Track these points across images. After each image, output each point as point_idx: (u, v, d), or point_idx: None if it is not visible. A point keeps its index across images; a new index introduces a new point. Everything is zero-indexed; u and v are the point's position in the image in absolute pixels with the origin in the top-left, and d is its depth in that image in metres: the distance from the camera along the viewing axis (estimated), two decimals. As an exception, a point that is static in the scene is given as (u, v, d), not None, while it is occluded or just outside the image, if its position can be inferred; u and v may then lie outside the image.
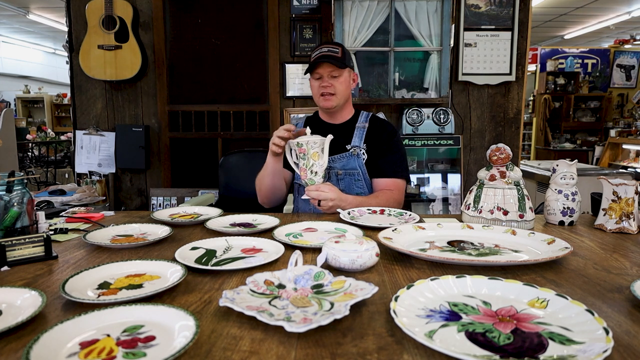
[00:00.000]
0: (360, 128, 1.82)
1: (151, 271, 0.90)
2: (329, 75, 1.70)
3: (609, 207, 1.30)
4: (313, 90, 1.78)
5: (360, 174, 1.76)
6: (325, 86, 1.71)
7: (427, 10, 3.38)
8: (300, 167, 1.52)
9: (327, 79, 1.71)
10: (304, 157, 1.49)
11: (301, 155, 1.50)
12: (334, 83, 1.71)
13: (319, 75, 1.72)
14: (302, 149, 1.49)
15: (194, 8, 3.56)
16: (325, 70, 1.70)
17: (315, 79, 1.74)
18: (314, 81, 1.75)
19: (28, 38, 9.89)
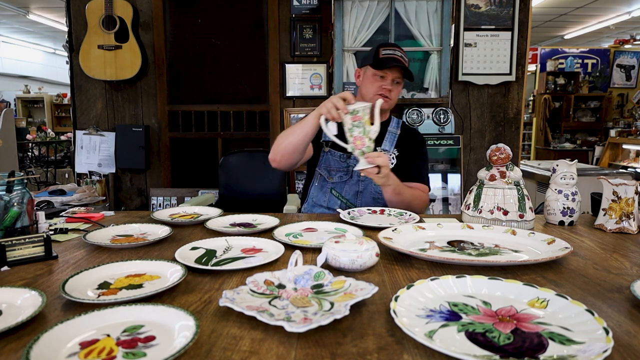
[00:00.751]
0: (392, 133, 1.81)
1: (151, 271, 0.90)
2: (394, 80, 1.69)
3: (609, 207, 1.30)
4: (370, 86, 1.71)
5: None
6: (387, 89, 1.68)
7: (427, 10, 3.38)
8: (355, 136, 1.38)
9: (389, 81, 1.68)
10: (359, 124, 1.38)
11: (356, 123, 1.38)
12: (394, 89, 1.70)
13: (383, 74, 1.68)
14: (358, 116, 1.37)
15: (194, 8, 3.56)
16: (393, 74, 1.68)
17: (378, 76, 1.69)
18: (375, 77, 1.70)
19: (28, 38, 9.89)
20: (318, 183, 1.81)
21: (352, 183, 1.76)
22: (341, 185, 1.76)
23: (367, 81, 1.73)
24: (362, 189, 1.75)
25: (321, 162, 1.80)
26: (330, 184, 1.77)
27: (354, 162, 1.73)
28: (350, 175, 1.76)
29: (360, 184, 1.75)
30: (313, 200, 1.82)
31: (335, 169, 1.78)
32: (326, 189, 1.78)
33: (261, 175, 2.59)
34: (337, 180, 1.77)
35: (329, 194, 1.77)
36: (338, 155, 1.77)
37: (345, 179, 1.76)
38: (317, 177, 1.82)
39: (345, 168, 1.77)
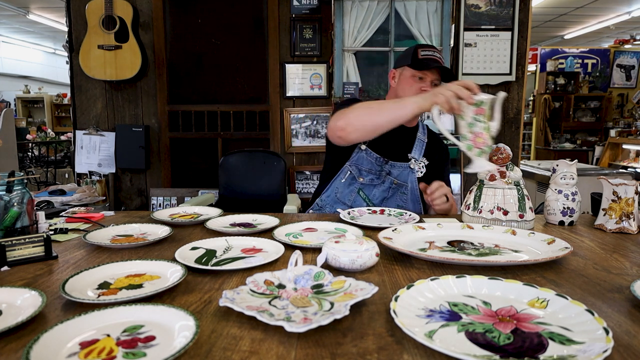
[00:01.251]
0: (420, 140, 1.77)
1: (151, 271, 0.90)
2: (433, 82, 1.63)
3: (609, 207, 1.30)
4: (408, 87, 1.64)
5: (408, 188, 1.70)
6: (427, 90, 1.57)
7: (427, 10, 3.38)
8: (475, 132, 1.22)
9: (429, 83, 1.63)
10: (482, 119, 1.21)
11: (479, 117, 1.21)
12: None
13: (422, 76, 1.63)
14: (482, 109, 1.21)
15: (194, 8, 3.56)
16: (433, 75, 1.62)
17: (417, 77, 1.63)
18: (414, 78, 1.64)
19: (28, 38, 9.89)
20: (345, 179, 1.72)
21: (382, 188, 1.70)
22: (370, 188, 1.70)
23: (405, 82, 1.66)
24: (390, 195, 1.70)
25: (354, 159, 1.71)
26: (359, 183, 1.70)
27: (388, 169, 1.68)
28: (382, 180, 1.69)
29: (390, 190, 1.70)
30: (337, 196, 1.73)
31: (367, 169, 1.70)
32: (353, 188, 1.71)
33: (261, 175, 2.59)
34: (367, 182, 1.69)
35: (355, 194, 1.70)
36: (375, 157, 1.69)
37: (376, 183, 1.70)
38: (346, 173, 1.72)
39: (379, 171, 1.70)
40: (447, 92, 1.22)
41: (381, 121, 1.37)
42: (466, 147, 1.22)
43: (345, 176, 1.72)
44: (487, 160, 1.24)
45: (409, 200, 1.71)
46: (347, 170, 1.72)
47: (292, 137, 3.59)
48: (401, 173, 1.70)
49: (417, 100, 1.30)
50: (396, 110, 1.34)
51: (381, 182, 1.70)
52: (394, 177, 1.69)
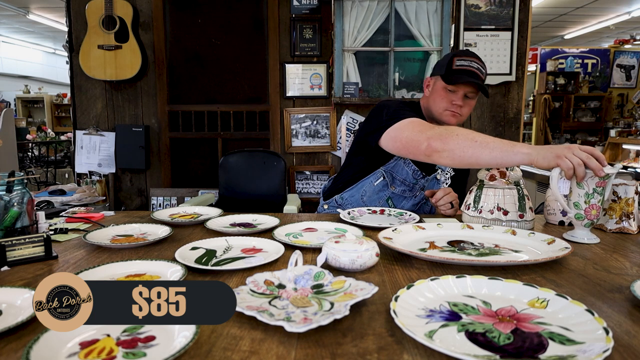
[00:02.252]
0: None
1: (151, 271, 0.90)
2: (466, 95, 1.53)
3: (609, 207, 1.30)
4: (440, 100, 1.56)
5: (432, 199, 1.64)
6: (458, 105, 1.53)
7: (427, 10, 3.38)
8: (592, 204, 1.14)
9: (461, 97, 1.53)
10: (602, 192, 1.15)
11: (599, 190, 1.14)
12: (466, 104, 1.55)
13: (455, 90, 1.52)
14: (605, 182, 1.14)
15: (194, 8, 3.56)
16: (467, 88, 1.52)
17: (449, 90, 1.54)
18: (446, 92, 1.54)
19: (28, 38, 9.89)
20: (377, 184, 1.64)
21: (413, 202, 1.66)
22: (399, 199, 1.66)
23: (437, 94, 1.57)
24: (417, 209, 1.69)
25: (390, 165, 1.63)
26: (390, 192, 1.64)
27: (423, 183, 1.64)
28: (414, 194, 1.65)
29: (420, 204, 1.69)
30: (362, 199, 1.67)
31: (401, 179, 1.63)
32: (383, 195, 1.65)
33: (261, 175, 2.59)
34: (399, 192, 1.65)
35: (384, 201, 1.65)
36: (413, 168, 1.62)
37: (408, 196, 1.65)
38: (378, 178, 1.65)
39: (413, 184, 1.64)
40: (575, 158, 1.10)
41: (484, 160, 1.23)
42: (576, 216, 1.17)
43: (377, 181, 1.65)
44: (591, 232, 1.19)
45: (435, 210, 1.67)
46: (380, 175, 1.65)
47: (292, 137, 3.59)
48: (429, 185, 1.67)
49: (531, 152, 1.16)
50: (505, 154, 1.19)
51: (412, 196, 1.66)
52: (423, 191, 1.66)
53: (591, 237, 1.18)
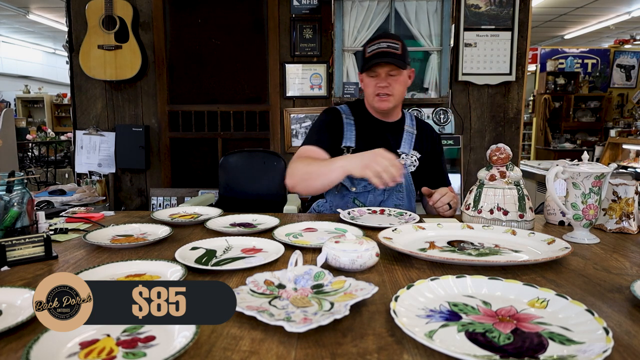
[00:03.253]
0: (409, 132, 1.70)
1: (151, 271, 0.90)
2: (387, 74, 1.55)
3: (609, 207, 1.30)
4: (367, 89, 1.62)
5: (403, 185, 1.65)
6: (382, 86, 1.56)
7: (427, 10, 3.38)
8: (589, 204, 1.16)
9: (384, 77, 1.55)
10: (598, 191, 1.16)
11: (596, 189, 1.16)
12: (392, 83, 1.56)
13: (375, 74, 1.56)
14: (600, 181, 1.16)
15: (194, 8, 3.56)
16: (383, 69, 1.54)
17: (371, 77, 1.58)
18: (369, 79, 1.59)
19: (28, 38, 9.89)
20: (338, 191, 1.67)
21: (377, 193, 1.66)
22: (365, 195, 1.66)
23: (364, 85, 1.64)
24: (386, 197, 1.66)
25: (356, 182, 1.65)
26: (353, 193, 1.66)
27: None
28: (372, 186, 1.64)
29: (385, 192, 1.66)
30: (331, 208, 1.69)
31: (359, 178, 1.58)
32: (348, 199, 1.66)
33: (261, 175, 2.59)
34: (361, 190, 1.65)
35: (351, 203, 1.66)
36: None
37: (370, 189, 1.64)
38: (337, 186, 1.65)
39: None
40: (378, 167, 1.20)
41: (318, 186, 1.45)
42: (574, 217, 1.17)
43: (337, 188, 1.66)
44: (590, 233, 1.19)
45: (405, 197, 1.67)
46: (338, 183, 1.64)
47: (292, 137, 3.59)
48: None
49: (344, 164, 1.30)
50: (325, 176, 1.38)
51: (374, 188, 1.63)
52: None
53: (591, 237, 1.18)
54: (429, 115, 3.33)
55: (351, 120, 1.69)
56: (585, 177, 1.14)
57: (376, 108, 1.65)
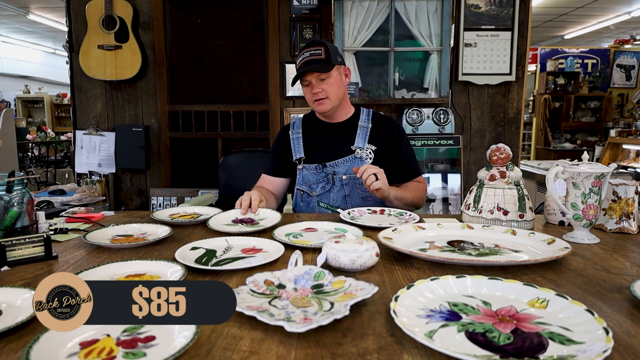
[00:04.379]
0: (363, 127, 1.75)
1: (151, 271, 0.90)
2: (317, 79, 1.65)
3: (609, 207, 1.30)
4: (306, 97, 1.73)
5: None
6: (316, 92, 1.66)
7: (427, 10, 3.38)
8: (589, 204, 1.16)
9: (316, 84, 1.65)
10: (598, 191, 1.17)
11: (595, 189, 1.16)
12: (323, 87, 1.66)
13: (307, 82, 1.67)
14: (600, 181, 1.16)
15: (194, 8, 3.56)
16: (312, 76, 1.65)
17: (305, 86, 1.70)
18: (305, 88, 1.71)
19: (28, 38, 9.89)
20: (302, 201, 1.78)
21: (336, 189, 1.72)
22: (327, 195, 1.73)
23: (304, 94, 1.73)
24: (348, 192, 1.72)
25: (299, 180, 1.77)
26: (315, 197, 1.74)
27: (331, 170, 1.71)
28: (331, 182, 1.72)
29: (345, 187, 1.72)
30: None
31: (315, 181, 1.74)
32: (313, 204, 1.74)
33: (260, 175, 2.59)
34: (321, 191, 1.74)
35: (317, 207, 1.73)
36: (314, 167, 1.74)
37: (329, 188, 1.73)
38: (299, 196, 1.79)
39: (324, 177, 1.73)
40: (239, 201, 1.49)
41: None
42: (574, 217, 1.18)
43: (301, 198, 1.79)
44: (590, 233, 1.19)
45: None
46: (298, 193, 1.80)
47: (292, 137, 3.58)
48: (350, 167, 1.70)
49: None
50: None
51: (332, 185, 1.72)
52: (342, 174, 1.71)
53: (591, 237, 1.18)
54: (429, 115, 3.33)
55: (298, 134, 1.80)
56: (585, 177, 1.14)
57: (318, 112, 1.74)
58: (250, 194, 1.51)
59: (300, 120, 1.87)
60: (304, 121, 1.85)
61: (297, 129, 1.82)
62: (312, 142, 1.78)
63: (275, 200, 1.81)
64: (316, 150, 1.76)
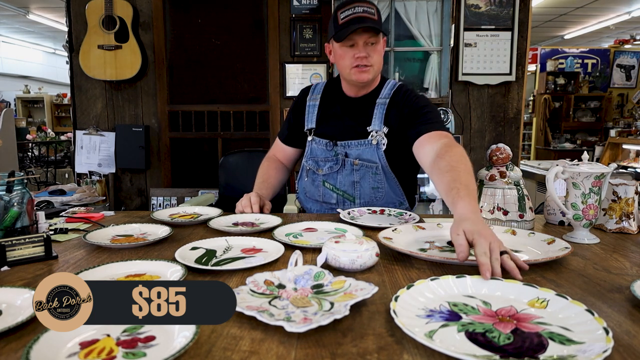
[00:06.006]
0: (380, 105, 1.52)
1: (151, 271, 0.90)
2: (365, 42, 1.41)
3: (609, 207, 1.30)
4: (343, 61, 1.46)
5: (379, 167, 1.52)
6: (361, 57, 1.42)
7: (427, 10, 3.38)
8: (589, 204, 1.15)
9: (362, 47, 1.42)
10: (598, 191, 1.16)
11: (596, 189, 1.15)
12: (370, 53, 1.43)
13: (352, 43, 1.42)
14: (600, 181, 1.15)
15: (194, 8, 3.56)
16: (362, 37, 1.40)
17: (348, 47, 1.43)
18: (345, 49, 1.44)
19: (28, 38, 9.89)
20: (308, 177, 1.64)
21: (345, 173, 1.56)
22: (334, 176, 1.58)
23: (338, 57, 1.48)
24: (358, 178, 1.54)
25: (307, 153, 1.63)
26: (321, 176, 1.60)
27: (342, 150, 1.55)
28: (341, 164, 1.55)
29: (356, 173, 1.54)
30: (306, 195, 1.67)
31: (323, 158, 1.58)
32: (318, 183, 1.61)
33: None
34: (328, 171, 1.58)
35: (322, 187, 1.59)
36: (324, 143, 1.57)
37: (337, 169, 1.56)
38: (305, 170, 1.65)
39: (334, 157, 1.56)
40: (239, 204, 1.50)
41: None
42: (574, 217, 1.17)
43: (306, 174, 1.64)
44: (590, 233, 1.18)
45: (385, 181, 1.54)
46: (305, 168, 1.65)
47: (292, 137, 3.59)
48: (363, 151, 1.52)
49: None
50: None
51: (341, 167, 1.55)
52: (354, 158, 1.53)
53: (591, 237, 1.18)
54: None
55: (316, 101, 1.63)
56: (585, 177, 1.15)
57: (354, 81, 1.49)
58: (249, 196, 1.49)
59: (323, 85, 1.67)
60: (325, 87, 1.65)
61: (316, 94, 1.65)
62: (327, 112, 1.60)
63: (285, 172, 1.73)
64: (329, 122, 1.58)
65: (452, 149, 1.23)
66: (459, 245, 0.89)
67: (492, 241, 0.86)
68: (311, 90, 1.68)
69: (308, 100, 1.65)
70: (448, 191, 1.07)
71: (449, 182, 1.09)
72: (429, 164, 1.27)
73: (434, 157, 1.25)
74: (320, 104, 1.63)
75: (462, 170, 1.12)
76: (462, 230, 0.90)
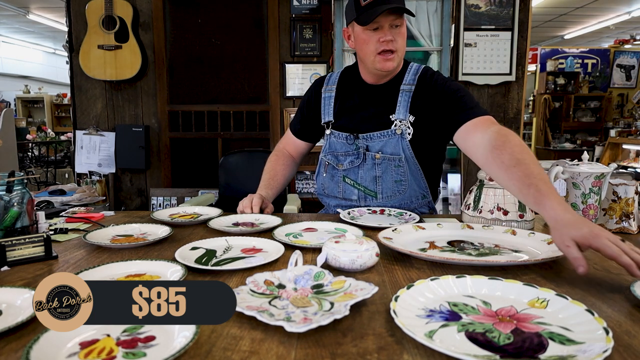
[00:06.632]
0: (405, 92, 1.41)
1: (151, 271, 0.90)
2: (391, 25, 1.30)
3: (609, 207, 1.30)
4: (366, 46, 1.35)
5: (403, 159, 1.43)
6: (387, 41, 1.31)
7: (427, 10, 3.38)
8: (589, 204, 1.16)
9: (388, 30, 1.30)
10: (598, 191, 1.15)
11: (596, 189, 1.15)
12: (397, 36, 1.32)
13: (377, 26, 1.31)
14: (600, 181, 1.15)
15: (194, 8, 3.56)
16: (387, 19, 1.29)
17: (372, 30, 1.32)
18: (369, 33, 1.33)
19: (28, 38, 9.89)
20: (327, 172, 1.56)
21: (367, 167, 1.48)
22: (354, 171, 1.50)
23: (361, 42, 1.37)
24: (380, 173, 1.46)
25: (326, 147, 1.56)
26: (341, 171, 1.52)
27: (364, 143, 1.47)
28: (362, 158, 1.47)
29: (378, 167, 1.45)
30: (325, 191, 1.60)
31: (343, 153, 1.50)
32: (338, 178, 1.54)
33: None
34: (348, 166, 1.50)
35: (342, 183, 1.52)
36: (344, 136, 1.49)
37: (358, 163, 1.48)
38: (324, 166, 1.57)
39: (355, 151, 1.48)
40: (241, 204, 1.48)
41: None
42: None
43: (325, 169, 1.56)
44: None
45: (408, 173, 1.46)
46: (323, 163, 1.57)
47: (292, 137, 3.59)
48: (386, 143, 1.43)
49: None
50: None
51: (362, 161, 1.47)
52: (376, 151, 1.45)
53: None
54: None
55: (332, 92, 1.53)
56: (585, 177, 1.14)
57: (379, 69, 1.39)
58: (251, 197, 1.48)
59: (338, 75, 1.57)
60: (341, 76, 1.55)
61: (331, 85, 1.55)
62: (346, 103, 1.51)
63: (294, 167, 1.70)
64: (349, 113, 1.49)
65: (509, 138, 1.12)
66: (575, 259, 0.81)
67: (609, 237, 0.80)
68: (325, 80, 1.58)
69: (323, 92, 1.56)
70: (524, 189, 0.98)
71: (522, 179, 0.99)
72: (484, 156, 1.16)
73: (489, 149, 1.13)
74: (337, 94, 1.53)
75: (530, 162, 1.01)
76: (571, 241, 0.82)
